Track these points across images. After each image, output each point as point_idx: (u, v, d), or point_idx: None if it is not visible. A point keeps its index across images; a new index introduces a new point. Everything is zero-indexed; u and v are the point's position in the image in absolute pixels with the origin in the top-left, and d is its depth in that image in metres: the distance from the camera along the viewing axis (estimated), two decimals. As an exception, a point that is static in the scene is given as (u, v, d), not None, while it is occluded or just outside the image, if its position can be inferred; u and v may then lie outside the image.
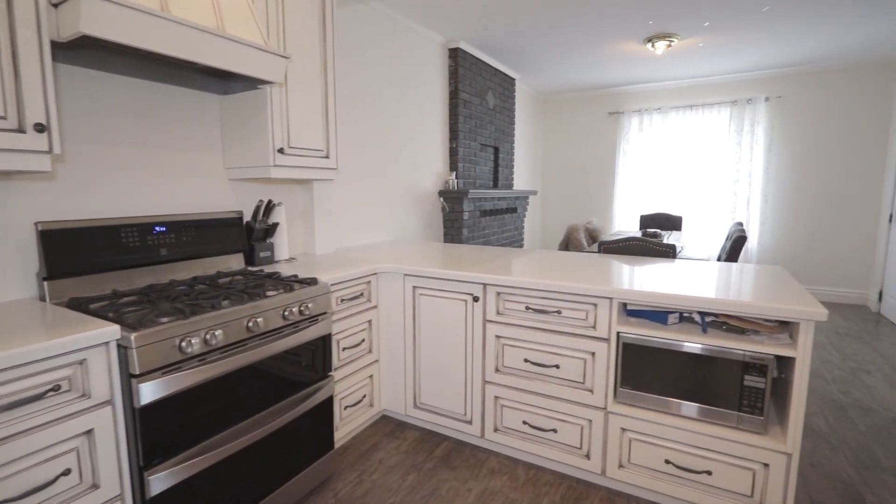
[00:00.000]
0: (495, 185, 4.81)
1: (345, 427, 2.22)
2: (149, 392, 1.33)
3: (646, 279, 1.93)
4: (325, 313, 1.94)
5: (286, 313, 1.74)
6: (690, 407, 1.73)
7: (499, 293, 2.06)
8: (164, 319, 1.42)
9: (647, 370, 1.80)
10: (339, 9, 2.87)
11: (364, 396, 2.35)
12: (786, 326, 1.67)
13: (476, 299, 2.12)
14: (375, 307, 2.37)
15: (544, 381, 2.01)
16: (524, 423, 2.08)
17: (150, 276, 1.87)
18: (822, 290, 5.01)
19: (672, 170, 5.50)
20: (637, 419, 1.81)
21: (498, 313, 2.08)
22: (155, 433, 1.36)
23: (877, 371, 3.23)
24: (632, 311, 1.93)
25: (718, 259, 3.40)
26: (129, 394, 1.31)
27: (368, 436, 2.42)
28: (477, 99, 4.28)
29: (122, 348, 1.30)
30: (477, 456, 2.23)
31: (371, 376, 2.39)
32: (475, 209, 4.10)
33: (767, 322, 1.68)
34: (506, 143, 4.90)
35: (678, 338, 1.71)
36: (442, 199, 4.01)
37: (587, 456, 1.94)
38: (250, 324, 1.61)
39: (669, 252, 2.71)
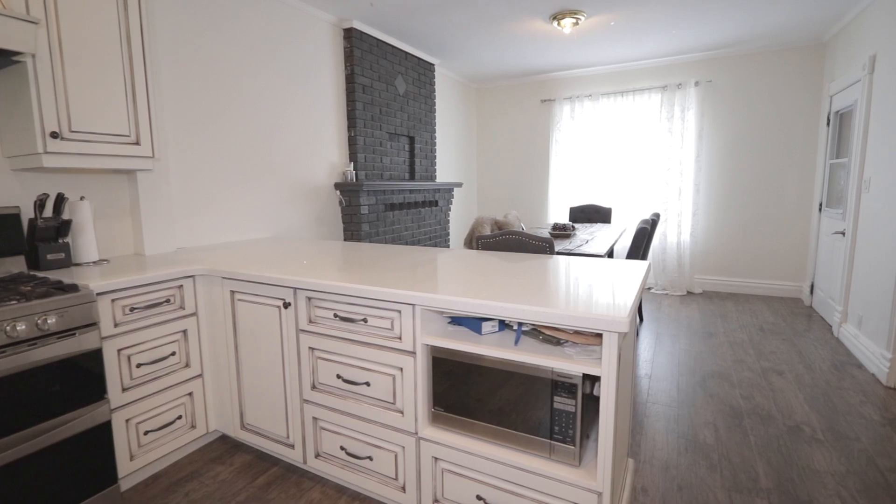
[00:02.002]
0: (412, 178, 4.51)
1: (148, 454, 1.91)
2: None
3: (480, 280, 1.65)
4: (90, 325, 1.63)
5: (9, 329, 1.42)
6: (505, 433, 1.46)
7: (309, 298, 1.77)
8: None
9: (460, 389, 1.52)
10: (179, -24, 2.53)
11: (180, 417, 2.04)
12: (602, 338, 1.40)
13: (286, 305, 1.82)
14: (193, 315, 2.06)
15: (357, 401, 1.72)
16: (342, 448, 1.79)
17: None
18: (756, 283, 4.82)
19: (603, 159, 5.26)
20: (449, 447, 1.53)
21: (310, 321, 1.79)
22: None
23: (789, 371, 3.01)
24: (455, 319, 1.66)
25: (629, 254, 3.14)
26: None
27: (191, 461, 2.11)
28: (382, 84, 3.97)
29: None
30: (302, 485, 1.94)
31: (191, 394, 2.08)
32: (378, 202, 3.80)
33: (583, 332, 1.41)
34: (423, 132, 4.60)
35: (486, 351, 1.43)
36: (339, 193, 3.70)
37: (403, 488, 1.66)
38: (-63, 345, 1.29)
39: (546, 247, 2.44)
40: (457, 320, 1.66)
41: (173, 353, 1.99)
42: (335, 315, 1.70)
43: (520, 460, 1.41)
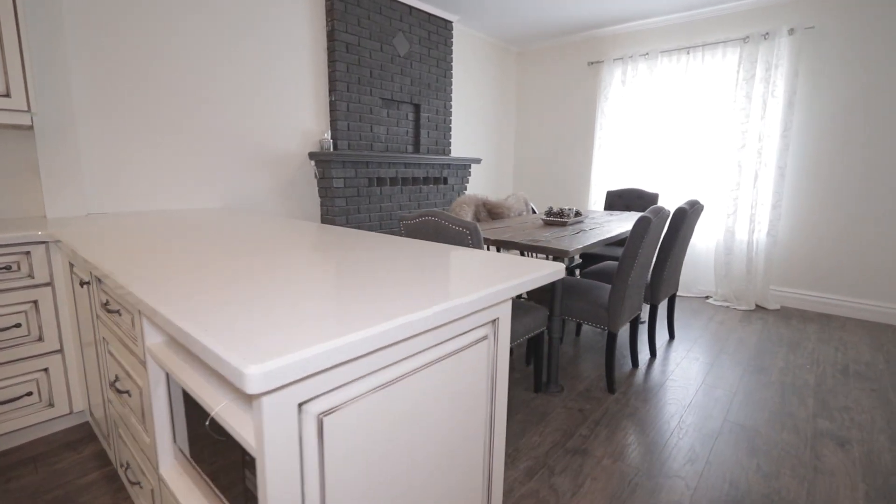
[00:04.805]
0: (416, 151, 4.03)
1: (-15, 431, 1.79)
2: None
3: (300, 281, 1.18)
4: None
5: None
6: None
7: (99, 280, 1.45)
8: None
9: (202, 429, 1.08)
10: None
11: (30, 393, 1.89)
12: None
13: (83, 284, 1.52)
14: (47, 285, 1.88)
15: (132, 411, 1.37)
16: (127, 465, 1.47)
17: None
18: (860, 303, 3.54)
19: (658, 134, 4.23)
20: (176, 501, 1.11)
21: (101, 306, 1.47)
22: None
23: (858, 442, 2.04)
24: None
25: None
26: None
27: (48, 442, 1.96)
28: (374, 43, 3.52)
29: None
30: (119, 494, 1.67)
31: (46, 370, 1.92)
32: (358, 176, 3.40)
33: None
34: (434, 100, 4.06)
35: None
36: (314, 164, 3.37)
37: (158, 533, 1.29)
38: None
39: (466, 234, 1.85)
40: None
41: (18, 325, 1.82)
42: (106, 303, 1.36)
43: (226, 545, 0.94)
